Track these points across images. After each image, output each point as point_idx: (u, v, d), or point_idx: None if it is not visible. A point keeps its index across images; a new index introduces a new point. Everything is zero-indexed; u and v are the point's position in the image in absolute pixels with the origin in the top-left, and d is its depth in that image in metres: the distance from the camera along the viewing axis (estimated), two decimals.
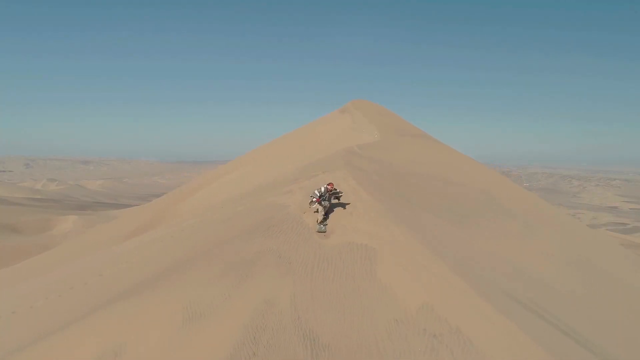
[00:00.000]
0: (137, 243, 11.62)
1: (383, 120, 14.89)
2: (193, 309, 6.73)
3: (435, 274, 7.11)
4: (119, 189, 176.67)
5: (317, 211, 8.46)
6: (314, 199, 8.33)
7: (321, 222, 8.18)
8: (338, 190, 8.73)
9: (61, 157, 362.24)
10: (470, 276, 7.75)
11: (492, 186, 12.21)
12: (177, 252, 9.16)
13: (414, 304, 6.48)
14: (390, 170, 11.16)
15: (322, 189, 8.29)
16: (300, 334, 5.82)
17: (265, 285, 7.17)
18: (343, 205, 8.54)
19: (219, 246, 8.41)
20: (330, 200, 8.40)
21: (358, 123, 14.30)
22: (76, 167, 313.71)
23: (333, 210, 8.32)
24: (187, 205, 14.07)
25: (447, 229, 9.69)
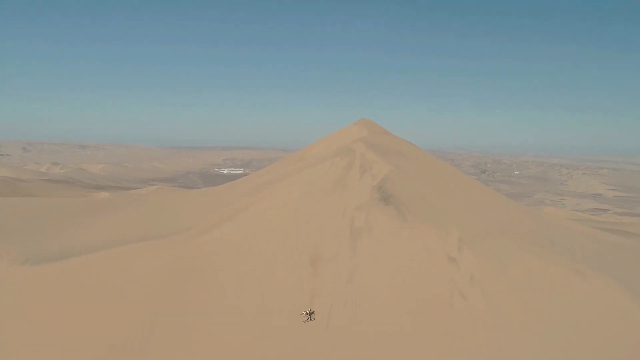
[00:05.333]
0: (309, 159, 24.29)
1: (371, 127, 29.17)
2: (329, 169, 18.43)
3: (384, 164, 17.36)
4: (120, 172, 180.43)
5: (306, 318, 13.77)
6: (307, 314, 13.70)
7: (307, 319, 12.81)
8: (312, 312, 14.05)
9: (58, 142, 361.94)
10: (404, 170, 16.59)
11: (418, 154, 23.86)
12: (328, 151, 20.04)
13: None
14: (372, 143, 21.66)
15: (307, 311, 13.05)
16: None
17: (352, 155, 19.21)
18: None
19: (343, 150, 19.95)
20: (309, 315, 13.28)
21: (361, 129, 28.36)
22: (74, 152, 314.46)
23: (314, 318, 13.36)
24: (311, 154, 27.08)
25: (397, 160, 19.47)
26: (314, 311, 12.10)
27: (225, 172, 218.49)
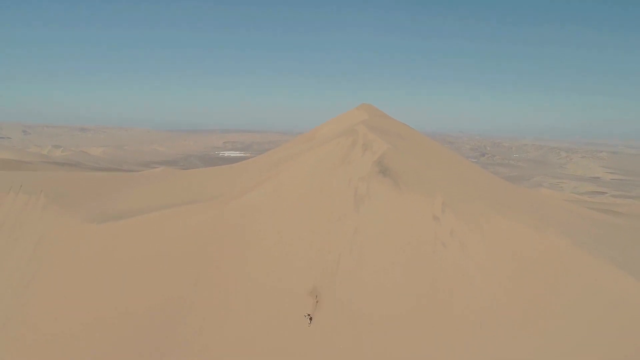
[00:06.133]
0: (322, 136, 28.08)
1: (372, 112, 32.17)
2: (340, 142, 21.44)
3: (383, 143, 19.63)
4: (121, 155, 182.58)
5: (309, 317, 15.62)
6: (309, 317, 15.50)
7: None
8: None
9: (58, 125, 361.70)
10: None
11: (413, 135, 26.60)
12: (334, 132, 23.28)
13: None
14: (372, 126, 23.79)
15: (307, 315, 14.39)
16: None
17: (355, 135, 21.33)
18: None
19: (348, 131, 22.26)
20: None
21: (362, 113, 31.27)
22: (75, 134, 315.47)
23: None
24: (320, 134, 30.94)
25: (394, 140, 21.93)
26: (311, 317, 14.28)
27: (226, 155, 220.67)
